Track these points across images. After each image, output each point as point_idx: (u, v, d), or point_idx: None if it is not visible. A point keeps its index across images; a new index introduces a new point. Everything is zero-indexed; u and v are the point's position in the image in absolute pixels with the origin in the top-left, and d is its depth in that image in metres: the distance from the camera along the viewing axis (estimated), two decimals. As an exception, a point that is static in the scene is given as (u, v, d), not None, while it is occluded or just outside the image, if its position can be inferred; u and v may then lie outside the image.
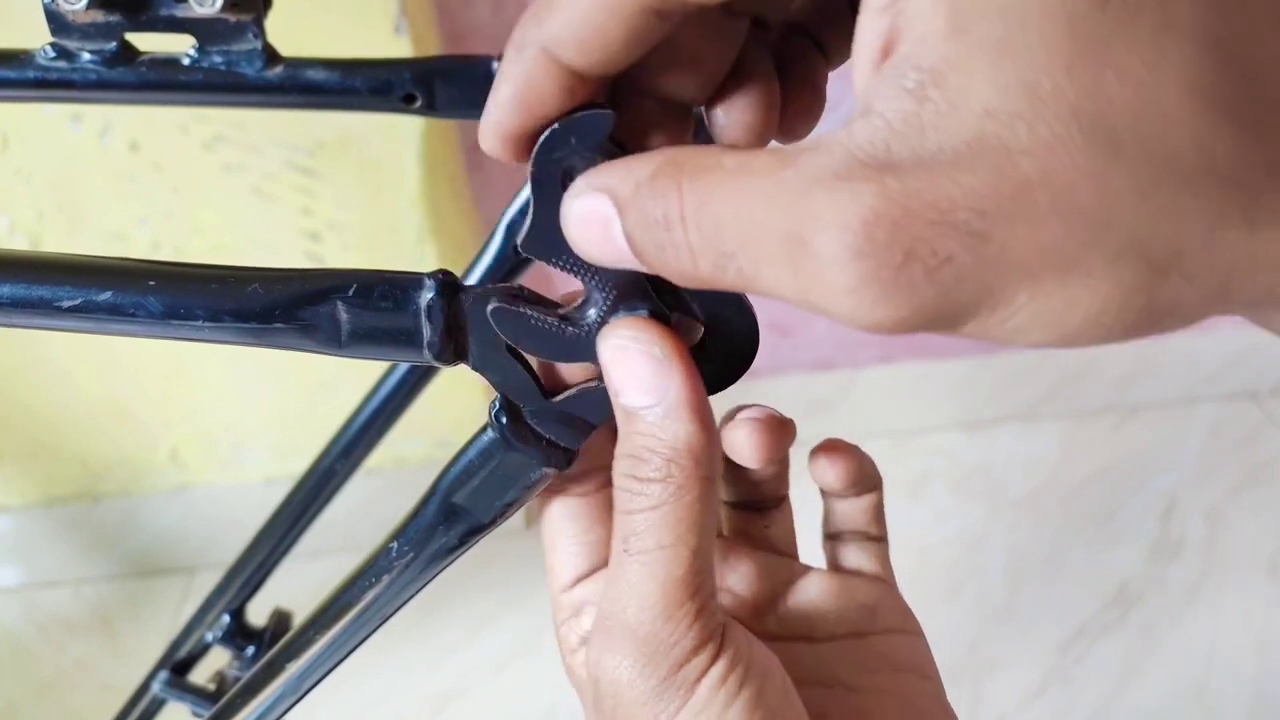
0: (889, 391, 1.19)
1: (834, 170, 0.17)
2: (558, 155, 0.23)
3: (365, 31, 0.79)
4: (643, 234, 0.20)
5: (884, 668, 0.30)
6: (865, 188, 0.17)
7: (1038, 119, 0.16)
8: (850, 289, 0.17)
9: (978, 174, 0.16)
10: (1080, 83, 0.16)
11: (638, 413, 0.24)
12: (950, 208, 0.16)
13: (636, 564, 0.24)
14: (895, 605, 0.32)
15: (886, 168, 0.17)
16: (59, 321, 0.26)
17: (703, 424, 0.24)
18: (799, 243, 0.17)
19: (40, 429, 1.01)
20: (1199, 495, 1.13)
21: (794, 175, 0.18)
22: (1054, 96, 0.16)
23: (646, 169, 0.20)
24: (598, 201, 0.21)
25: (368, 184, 0.87)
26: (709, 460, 0.24)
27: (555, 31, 0.21)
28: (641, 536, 0.24)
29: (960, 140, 0.16)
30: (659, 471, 0.24)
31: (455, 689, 1.00)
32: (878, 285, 0.17)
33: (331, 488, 0.60)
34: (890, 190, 0.16)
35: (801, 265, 0.17)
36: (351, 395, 0.58)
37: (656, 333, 0.24)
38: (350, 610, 0.32)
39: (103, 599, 1.10)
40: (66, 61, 0.40)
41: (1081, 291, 0.17)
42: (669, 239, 0.19)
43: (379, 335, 0.25)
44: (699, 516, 0.24)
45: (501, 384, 0.26)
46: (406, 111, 0.42)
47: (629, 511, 0.24)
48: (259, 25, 0.40)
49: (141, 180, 0.85)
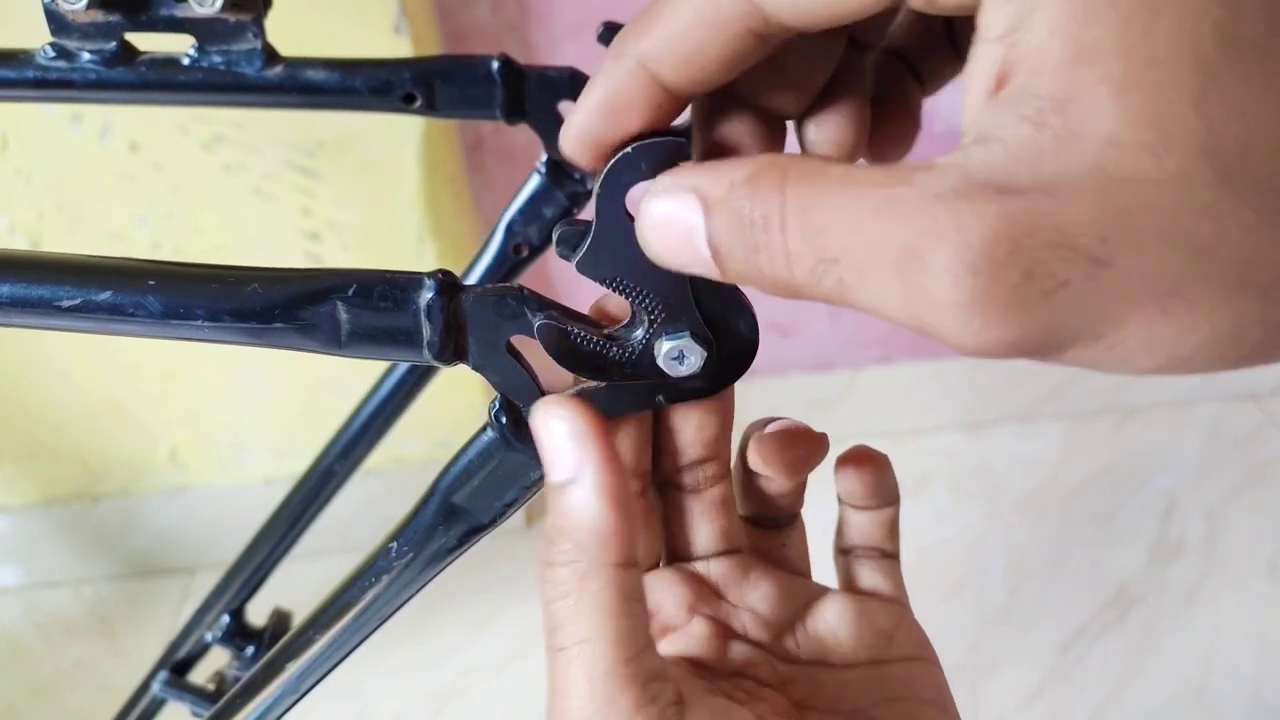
0: (889, 392, 1.19)
1: (954, 188, 0.17)
2: (627, 180, 0.23)
3: (365, 31, 0.79)
4: (733, 236, 0.20)
5: (904, 698, 0.29)
6: (987, 207, 0.17)
7: (1167, 152, 0.16)
8: (962, 305, 0.17)
9: (1101, 201, 0.16)
10: (1209, 119, 0.16)
11: (556, 490, 0.24)
12: (1073, 232, 0.16)
13: (562, 662, 0.23)
14: (912, 631, 0.31)
15: (1007, 190, 0.17)
16: (59, 321, 0.25)
17: (613, 505, 0.23)
18: (913, 256, 0.17)
19: (40, 429, 1.01)
20: (1199, 495, 1.13)
21: (910, 191, 0.18)
22: (1183, 131, 0.16)
23: (743, 170, 0.20)
24: (683, 201, 0.20)
25: (368, 184, 0.87)
26: (618, 543, 0.23)
27: (654, 45, 0.21)
28: (563, 630, 0.23)
29: (1083, 167, 0.17)
30: (566, 555, 0.23)
31: (455, 689, 1.00)
32: (991, 304, 0.17)
33: (331, 488, 0.60)
34: (1012, 210, 0.16)
35: (912, 279, 0.17)
36: (351, 395, 0.58)
37: (580, 412, 0.24)
38: (350, 610, 0.32)
39: (102, 599, 1.10)
40: (66, 61, 0.40)
41: (1197, 321, 0.17)
42: (765, 240, 0.19)
43: (379, 335, 0.25)
44: (612, 604, 0.23)
45: (501, 384, 0.26)
46: (406, 111, 0.42)
47: (548, 602, 0.24)
48: (259, 25, 0.40)
49: (141, 180, 0.85)
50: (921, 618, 0.32)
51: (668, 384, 0.26)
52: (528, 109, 0.43)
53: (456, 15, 0.90)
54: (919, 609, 0.32)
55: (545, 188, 0.44)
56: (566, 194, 0.44)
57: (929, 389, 1.20)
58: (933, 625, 0.32)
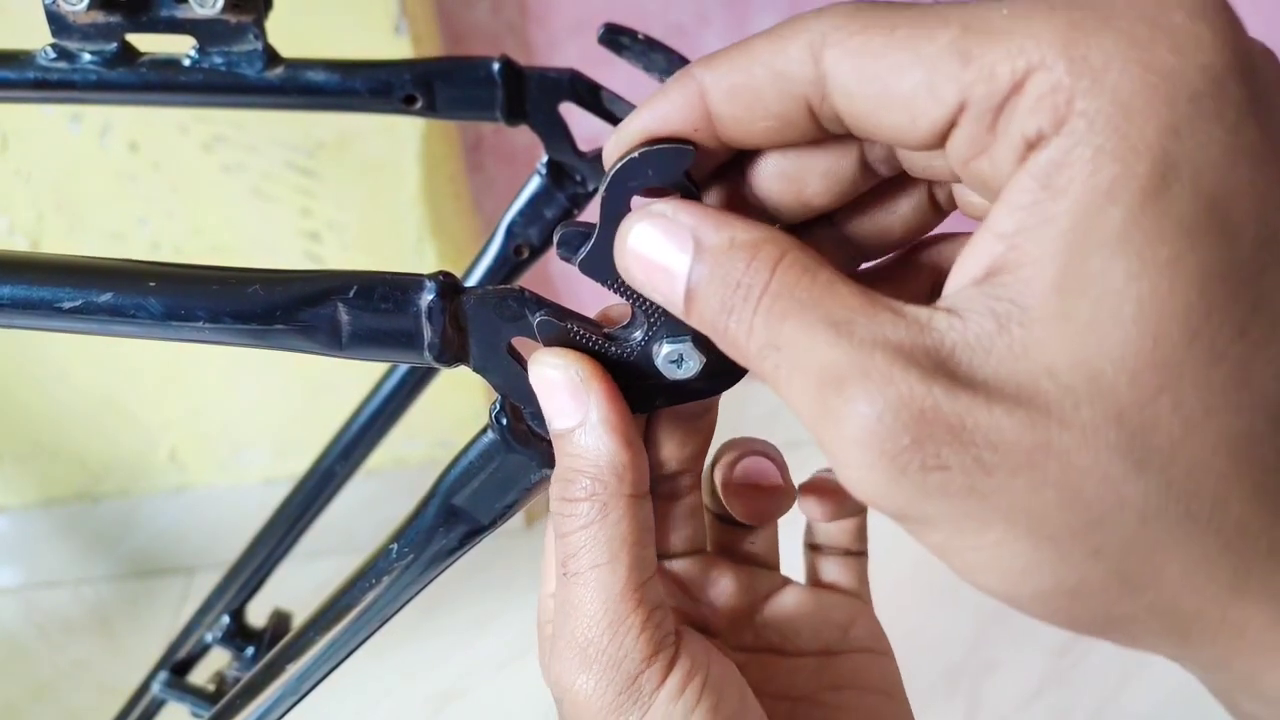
0: (889, 392, 1.19)
1: (902, 344, 0.18)
2: (632, 184, 0.23)
3: (365, 32, 0.79)
4: (713, 289, 0.21)
5: (851, 686, 0.31)
6: (917, 375, 0.18)
7: (1086, 403, 0.17)
8: (854, 441, 0.18)
9: (1011, 417, 0.18)
10: (1137, 394, 0.17)
11: (563, 435, 0.25)
12: (973, 430, 0.18)
13: (577, 585, 0.25)
14: (868, 624, 0.33)
15: (941, 367, 0.18)
16: (59, 323, 0.26)
17: (624, 442, 0.25)
18: (837, 380, 0.18)
19: (40, 429, 1.01)
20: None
21: (867, 327, 0.19)
22: (1109, 392, 0.17)
23: (747, 234, 0.21)
24: (676, 237, 0.21)
25: (368, 184, 0.87)
26: (633, 476, 0.25)
27: (717, 76, 0.22)
28: (577, 557, 0.25)
29: (1014, 382, 0.18)
30: (585, 491, 0.25)
31: (455, 689, 1.00)
32: (877, 453, 0.18)
33: (331, 489, 0.60)
34: (936, 390, 0.18)
35: (826, 400, 0.19)
36: (351, 395, 0.58)
37: (575, 358, 0.25)
38: (350, 611, 0.32)
39: (102, 599, 1.10)
40: (67, 62, 0.40)
41: (1045, 567, 0.18)
42: (739, 306, 0.20)
43: (379, 337, 0.25)
44: (629, 532, 0.25)
45: (502, 385, 0.26)
46: (406, 112, 0.42)
47: (563, 534, 0.25)
48: (259, 26, 0.40)
49: (141, 180, 0.85)
50: (921, 619, 0.32)
51: (665, 386, 0.26)
52: (528, 110, 0.43)
53: (457, 15, 0.90)
54: (918, 610, 0.33)
55: (546, 189, 0.44)
56: (567, 195, 0.44)
57: (929, 389, 1.20)
58: (932, 626, 0.32)
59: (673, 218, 0.21)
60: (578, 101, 0.42)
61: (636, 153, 0.23)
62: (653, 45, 0.39)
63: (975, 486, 0.18)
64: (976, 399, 0.18)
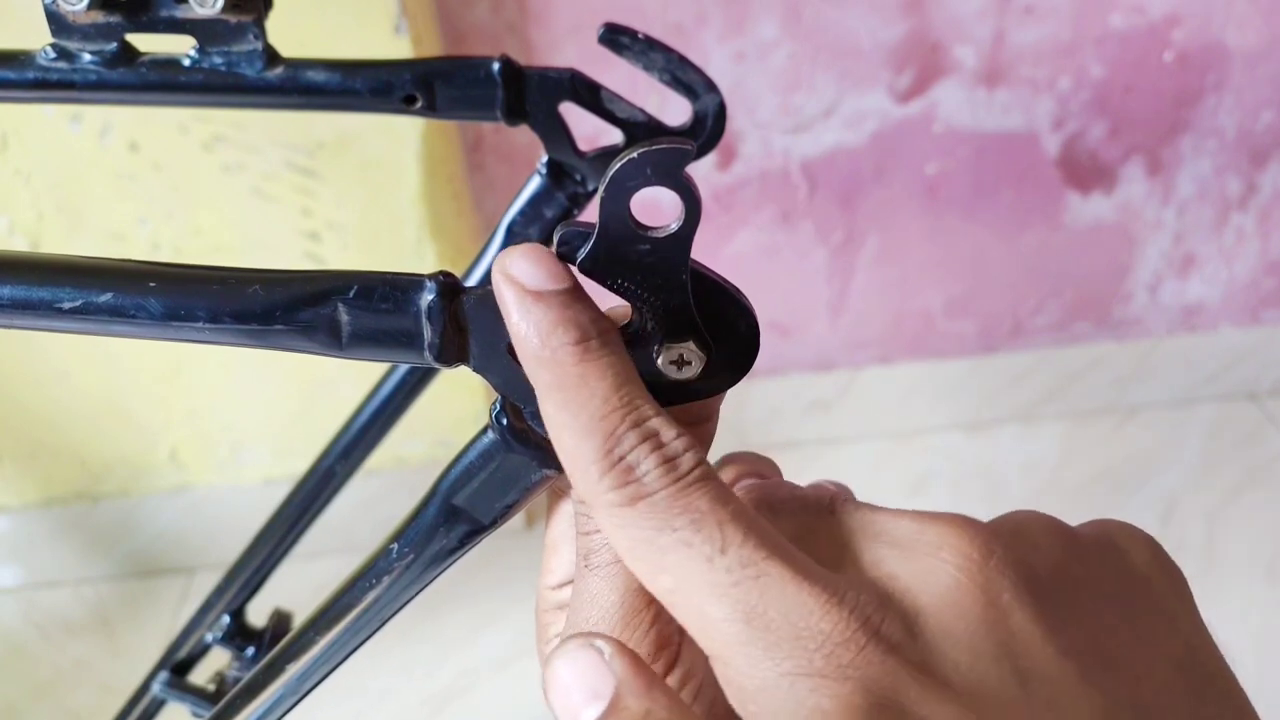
0: (889, 392, 1.19)
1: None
2: (632, 183, 0.23)
3: (365, 31, 0.79)
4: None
5: None
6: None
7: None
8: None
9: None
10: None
11: None
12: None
13: (596, 577, 0.25)
14: None
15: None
16: (60, 323, 0.25)
17: None
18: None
19: (40, 429, 1.01)
20: (1199, 496, 1.13)
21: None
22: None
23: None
24: (595, 676, 0.21)
25: (368, 184, 0.87)
26: None
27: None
28: (599, 553, 0.25)
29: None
30: None
31: (455, 689, 1.00)
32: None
33: (331, 488, 0.60)
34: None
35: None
36: (351, 395, 0.58)
37: None
38: (350, 611, 0.32)
39: (102, 599, 1.10)
40: (67, 62, 0.40)
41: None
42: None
43: (379, 337, 0.25)
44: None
45: (502, 386, 0.26)
46: (407, 112, 0.42)
47: (586, 533, 0.26)
48: (259, 26, 0.40)
49: (141, 180, 0.85)
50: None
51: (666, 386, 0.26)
52: (528, 110, 0.43)
53: (456, 15, 0.90)
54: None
55: (546, 189, 0.44)
56: (567, 195, 0.44)
57: (929, 389, 1.20)
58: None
59: (606, 660, 0.21)
60: (577, 101, 0.42)
61: (635, 152, 0.23)
62: (652, 45, 0.39)
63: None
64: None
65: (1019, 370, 1.20)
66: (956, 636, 0.21)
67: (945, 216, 1.07)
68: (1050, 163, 1.05)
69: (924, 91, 0.98)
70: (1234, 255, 1.16)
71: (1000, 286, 1.14)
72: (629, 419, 0.23)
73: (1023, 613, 0.22)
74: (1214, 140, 1.06)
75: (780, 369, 1.17)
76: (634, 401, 0.23)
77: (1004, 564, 0.22)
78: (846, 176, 1.03)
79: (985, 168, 1.04)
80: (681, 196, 0.23)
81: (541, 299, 0.23)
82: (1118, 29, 0.97)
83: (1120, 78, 1.00)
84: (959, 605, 0.21)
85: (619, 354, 0.23)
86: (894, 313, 1.14)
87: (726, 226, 1.05)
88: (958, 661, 0.21)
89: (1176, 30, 0.98)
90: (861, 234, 1.08)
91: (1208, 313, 1.20)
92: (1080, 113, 1.02)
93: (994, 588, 0.22)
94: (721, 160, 1.01)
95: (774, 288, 1.11)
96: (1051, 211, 1.09)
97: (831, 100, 0.98)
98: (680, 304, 0.25)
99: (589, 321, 0.23)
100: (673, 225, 0.24)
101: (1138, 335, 1.20)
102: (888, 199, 1.05)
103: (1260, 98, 1.03)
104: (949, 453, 1.20)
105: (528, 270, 0.23)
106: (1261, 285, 1.19)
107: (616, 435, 0.22)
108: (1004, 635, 0.21)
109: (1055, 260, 1.13)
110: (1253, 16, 0.97)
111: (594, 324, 0.23)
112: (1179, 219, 1.12)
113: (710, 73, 0.41)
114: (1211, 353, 1.22)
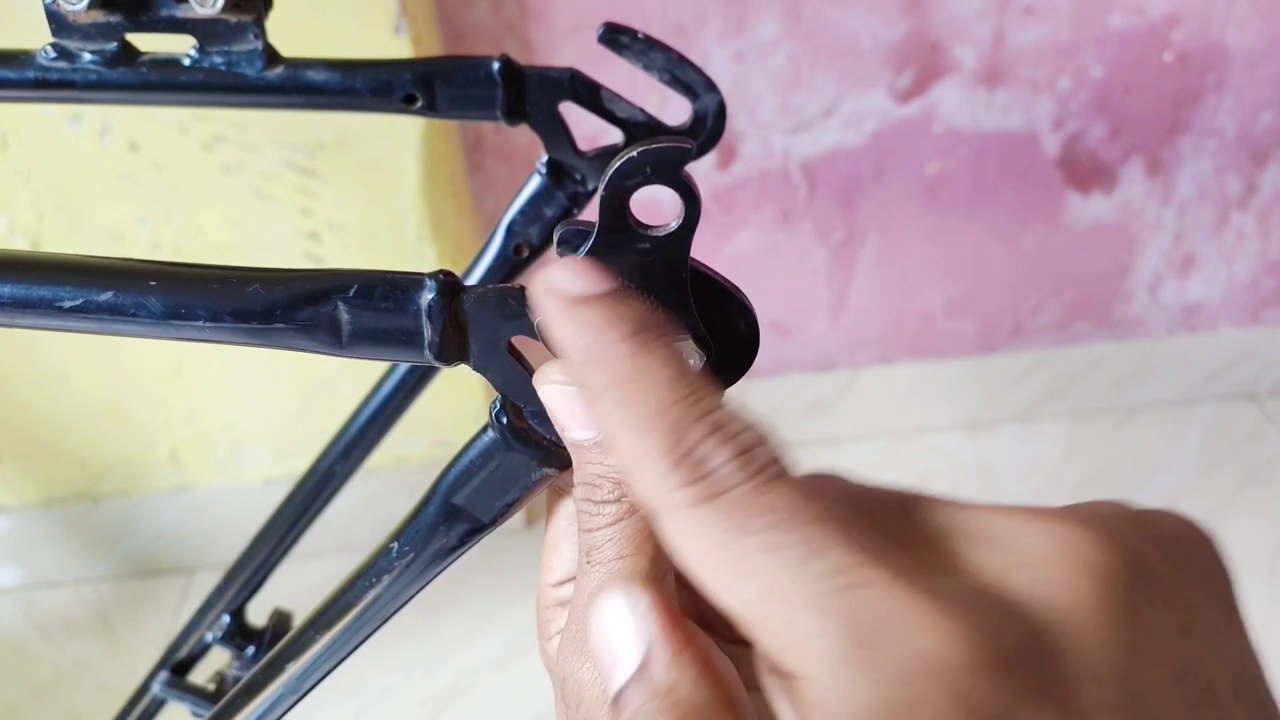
0: (889, 392, 1.19)
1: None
2: (630, 183, 0.23)
3: (365, 31, 0.79)
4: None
5: None
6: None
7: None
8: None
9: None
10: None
11: (583, 445, 0.25)
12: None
13: (599, 573, 0.25)
14: None
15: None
16: (60, 322, 0.26)
17: None
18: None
19: (40, 429, 1.01)
20: (1198, 496, 1.13)
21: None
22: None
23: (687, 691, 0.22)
24: (634, 631, 0.22)
25: (368, 184, 0.87)
26: None
27: None
28: (602, 549, 0.25)
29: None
30: (612, 494, 0.25)
31: (455, 689, 1.00)
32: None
33: (331, 488, 0.60)
34: None
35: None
36: (351, 395, 0.58)
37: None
38: (350, 610, 0.32)
39: (102, 599, 1.10)
40: (67, 62, 0.40)
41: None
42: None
43: (380, 336, 0.25)
44: (653, 529, 0.25)
45: (502, 384, 0.26)
46: (407, 112, 0.42)
47: (590, 530, 0.25)
48: (259, 26, 0.40)
49: (141, 180, 0.85)
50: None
51: None
52: (528, 109, 0.43)
53: (456, 15, 0.90)
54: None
55: (546, 188, 0.44)
56: (567, 194, 0.44)
57: (929, 389, 1.20)
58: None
59: (641, 615, 0.22)
60: (577, 101, 0.42)
61: (635, 151, 0.23)
62: (652, 44, 0.40)
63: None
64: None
65: (1019, 370, 1.20)
66: (1097, 660, 0.18)
67: (945, 216, 1.07)
68: (1050, 163, 1.05)
69: (924, 91, 0.98)
70: (1234, 255, 1.16)
71: (1000, 286, 1.14)
72: (696, 408, 0.20)
73: (1168, 632, 0.19)
74: (1214, 140, 1.06)
75: (780, 369, 1.17)
76: (699, 391, 0.21)
77: (1138, 573, 0.19)
78: (846, 176, 1.03)
79: (985, 168, 1.04)
80: (681, 196, 0.23)
81: (588, 302, 0.22)
82: (1118, 29, 0.97)
83: (1120, 78, 1.00)
84: (1095, 623, 0.18)
85: (676, 347, 0.22)
86: (894, 313, 1.14)
87: (726, 226, 1.05)
88: (1100, 697, 0.18)
89: (1176, 30, 0.98)
90: (861, 234, 1.08)
91: (1208, 313, 1.20)
92: (1080, 113, 1.02)
93: (1136, 601, 0.19)
94: (721, 160, 1.01)
95: (774, 287, 1.11)
96: (1051, 211, 1.09)
97: (831, 100, 0.98)
98: (680, 303, 0.25)
99: (643, 314, 0.22)
100: (672, 224, 0.24)
101: (1138, 335, 1.20)
102: (888, 199, 1.05)
103: (1260, 98, 1.03)
104: (949, 453, 1.20)
105: (570, 279, 0.23)
106: (1261, 285, 1.19)
107: (683, 427, 0.20)
108: (1165, 660, 0.18)
109: (1055, 260, 1.13)
110: (1253, 16, 0.97)
111: (649, 315, 0.22)
112: (1179, 219, 1.12)
113: (710, 72, 0.41)
114: (1211, 353, 1.22)
